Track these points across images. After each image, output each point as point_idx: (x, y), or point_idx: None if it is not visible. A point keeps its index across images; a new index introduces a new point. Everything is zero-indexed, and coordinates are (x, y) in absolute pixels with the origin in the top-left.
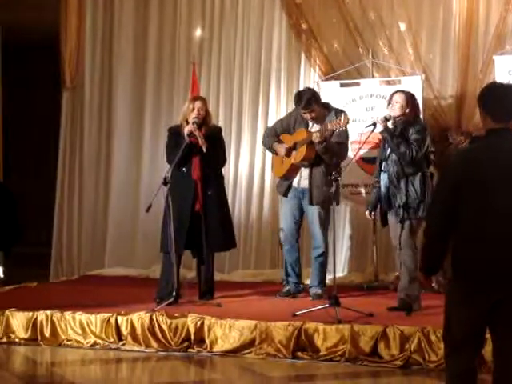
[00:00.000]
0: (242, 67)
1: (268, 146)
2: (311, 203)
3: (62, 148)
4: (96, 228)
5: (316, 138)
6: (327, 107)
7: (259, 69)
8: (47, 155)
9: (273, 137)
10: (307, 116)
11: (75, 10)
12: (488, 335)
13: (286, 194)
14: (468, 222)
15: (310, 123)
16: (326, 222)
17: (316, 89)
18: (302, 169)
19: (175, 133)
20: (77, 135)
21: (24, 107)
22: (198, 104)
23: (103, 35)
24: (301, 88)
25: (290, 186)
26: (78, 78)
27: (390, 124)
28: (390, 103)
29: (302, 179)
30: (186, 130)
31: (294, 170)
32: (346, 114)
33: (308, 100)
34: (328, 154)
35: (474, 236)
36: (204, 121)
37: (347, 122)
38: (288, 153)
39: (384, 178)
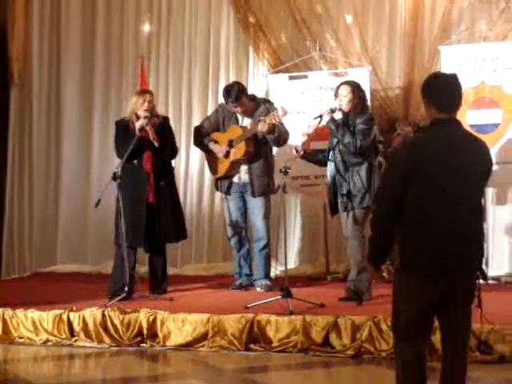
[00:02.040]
0: (191, 61)
1: (202, 146)
2: (253, 195)
3: (11, 144)
4: (47, 224)
5: (262, 129)
6: (254, 99)
7: (208, 62)
8: None
9: (205, 136)
10: (237, 110)
11: (22, 5)
12: (436, 323)
13: (228, 192)
14: (414, 211)
15: (240, 118)
16: (267, 213)
17: (265, 82)
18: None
19: (123, 126)
20: (26, 131)
21: None
22: (147, 97)
23: (51, 30)
24: (250, 81)
25: (231, 183)
26: (26, 74)
27: (337, 115)
28: (336, 95)
29: (242, 173)
30: (138, 124)
31: (233, 167)
32: (272, 104)
33: (237, 94)
34: (281, 139)
35: (421, 224)
36: (152, 113)
37: (285, 113)
38: (226, 154)
39: (331, 167)
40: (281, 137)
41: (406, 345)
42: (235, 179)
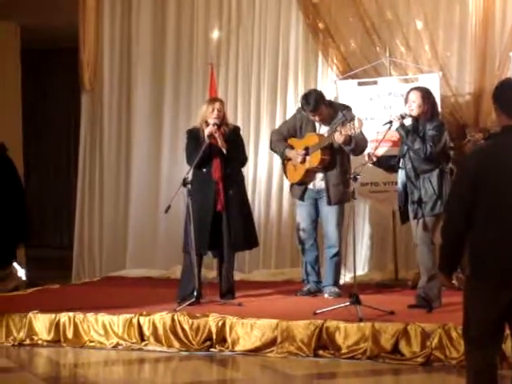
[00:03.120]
0: (260, 67)
1: (279, 151)
2: (329, 203)
3: (82, 149)
4: (117, 229)
5: (338, 140)
6: (332, 105)
7: (277, 69)
8: (67, 157)
9: (282, 141)
10: (315, 118)
11: (93, 13)
12: (508, 331)
13: (302, 198)
14: (486, 219)
15: (317, 124)
16: (341, 221)
17: (334, 88)
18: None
19: (194, 135)
20: (96, 137)
21: (43, 109)
22: (217, 105)
23: (121, 36)
24: (318, 87)
25: (305, 189)
26: (96, 81)
27: (407, 121)
28: (406, 101)
29: (317, 180)
30: (207, 131)
31: (309, 175)
32: (350, 110)
33: (315, 102)
34: (357, 150)
35: (492, 233)
36: (222, 121)
37: (362, 125)
38: (302, 160)
39: (402, 174)
40: (357, 147)
41: (476, 353)
42: (310, 186)
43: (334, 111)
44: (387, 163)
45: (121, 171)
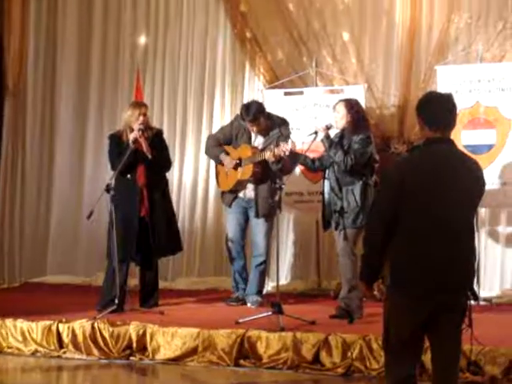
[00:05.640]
0: (187, 74)
1: (214, 155)
2: (257, 216)
3: (4, 152)
4: (38, 235)
5: (269, 159)
6: (270, 118)
7: (204, 76)
8: None
9: (218, 147)
10: (253, 129)
11: (18, 14)
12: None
13: (230, 205)
14: (406, 229)
15: (253, 135)
16: (269, 231)
17: (260, 97)
18: None
19: (117, 139)
20: (19, 139)
21: None
22: (143, 110)
23: (46, 39)
24: (245, 96)
25: (235, 197)
26: (20, 85)
27: (334, 132)
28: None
29: (247, 190)
30: (131, 136)
31: (240, 185)
32: (288, 126)
33: (255, 113)
34: (284, 171)
35: (412, 243)
36: (147, 126)
37: (294, 147)
38: (235, 167)
39: (327, 184)
40: (285, 168)
41: (396, 364)
42: (240, 194)
43: (271, 124)
44: (303, 160)
45: (43, 175)
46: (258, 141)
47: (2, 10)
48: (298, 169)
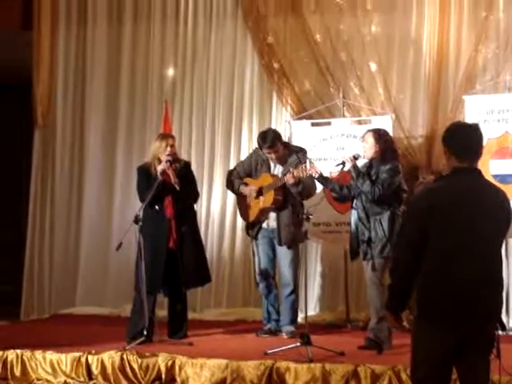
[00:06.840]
0: (215, 106)
1: (234, 189)
2: (280, 243)
3: (34, 185)
4: (67, 266)
5: (288, 181)
6: (287, 146)
7: (231, 107)
8: (19, 194)
9: (238, 179)
10: (272, 156)
11: (48, 47)
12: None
13: (256, 237)
14: (433, 259)
15: (272, 164)
16: (294, 260)
17: (287, 128)
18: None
19: (145, 171)
20: (48, 173)
21: None
22: (170, 141)
23: (75, 72)
24: (272, 127)
25: (260, 228)
26: (49, 117)
27: (361, 162)
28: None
29: (270, 220)
30: (159, 168)
31: (263, 214)
32: (305, 153)
33: (273, 139)
34: (304, 193)
35: (440, 273)
36: (175, 157)
37: (313, 168)
38: (256, 196)
39: (354, 214)
40: (304, 192)
41: None
42: (264, 225)
43: (289, 152)
44: (332, 185)
45: (72, 208)
46: (278, 170)
47: (31, 42)
48: (326, 200)
